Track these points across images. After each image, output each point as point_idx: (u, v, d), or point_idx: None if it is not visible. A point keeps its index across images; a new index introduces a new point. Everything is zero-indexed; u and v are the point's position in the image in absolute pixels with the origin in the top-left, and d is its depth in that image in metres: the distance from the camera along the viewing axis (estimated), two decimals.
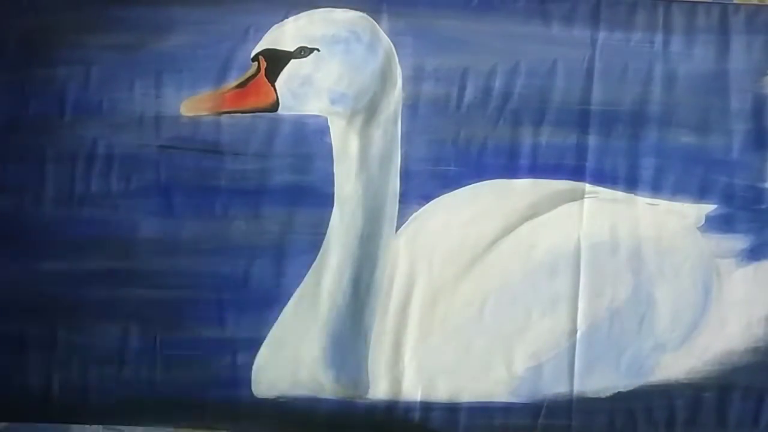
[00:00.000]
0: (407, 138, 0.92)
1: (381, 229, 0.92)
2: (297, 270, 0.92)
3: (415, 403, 0.93)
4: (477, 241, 0.93)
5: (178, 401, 0.92)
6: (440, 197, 0.93)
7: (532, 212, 0.93)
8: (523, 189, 0.93)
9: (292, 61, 0.89)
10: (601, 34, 0.93)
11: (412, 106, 0.92)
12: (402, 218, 0.93)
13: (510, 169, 0.93)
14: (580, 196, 0.93)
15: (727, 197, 0.94)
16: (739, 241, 0.94)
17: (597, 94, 0.93)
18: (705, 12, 0.94)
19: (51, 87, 0.92)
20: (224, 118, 0.91)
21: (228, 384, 0.92)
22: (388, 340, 0.92)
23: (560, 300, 0.92)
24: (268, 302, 0.92)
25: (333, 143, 0.92)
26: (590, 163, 0.94)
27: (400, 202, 0.92)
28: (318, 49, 0.89)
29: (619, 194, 0.94)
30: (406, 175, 0.92)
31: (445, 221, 0.93)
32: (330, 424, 0.93)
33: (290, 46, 0.89)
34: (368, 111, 0.91)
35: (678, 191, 0.94)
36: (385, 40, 0.92)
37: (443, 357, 0.92)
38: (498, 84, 0.93)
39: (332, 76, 0.90)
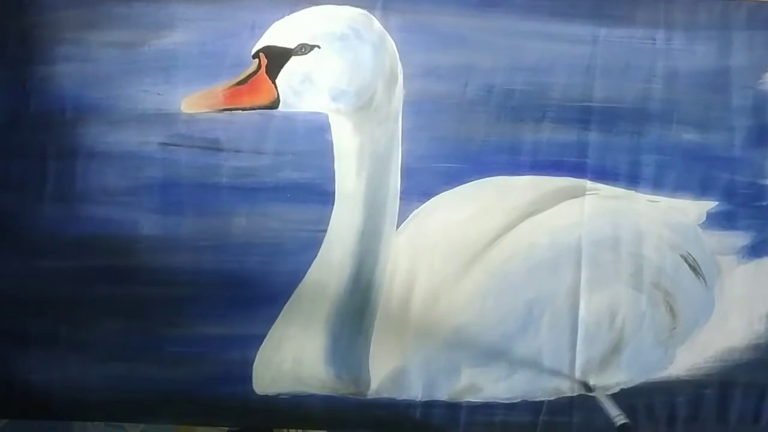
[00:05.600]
0: (408, 135, 0.92)
1: (382, 226, 0.92)
2: (298, 267, 0.92)
3: (416, 400, 0.93)
4: (478, 237, 0.93)
5: (179, 398, 0.92)
6: (441, 194, 0.92)
7: (533, 209, 0.93)
8: (524, 186, 0.93)
9: (293, 58, 0.89)
10: (603, 31, 0.93)
11: (413, 103, 0.92)
12: (403, 215, 0.93)
13: (511, 166, 0.93)
14: (581, 193, 0.93)
15: (728, 194, 0.94)
16: (740, 238, 0.94)
17: (598, 91, 0.93)
18: (707, 8, 0.93)
19: (52, 84, 0.92)
20: (225, 115, 0.91)
21: (229, 381, 0.92)
22: (389, 337, 0.92)
23: (561, 296, 0.92)
24: (269, 299, 0.92)
25: (334, 140, 0.92)
26: (591, 160, 0.93)
27: (401, 199, 0.92)
28: (319, 46, 0.89)
29: (620, 191, 0.94)
30: (407, 172, 0.92)
31: (446, 218, 0.93)
32: (331, 421, 0.93)
33: (291, 43, 0.89)
34: (369, 108, 0.91)
35: (679, 188, 0.94)
36: (386, 37, 0.92)
37: (444, 354, 0.92)
38: (499, 81, 0.93)
39: (333, 73, 0.90)
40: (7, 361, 0.92)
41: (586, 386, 0.93)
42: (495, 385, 0.93)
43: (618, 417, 0.65)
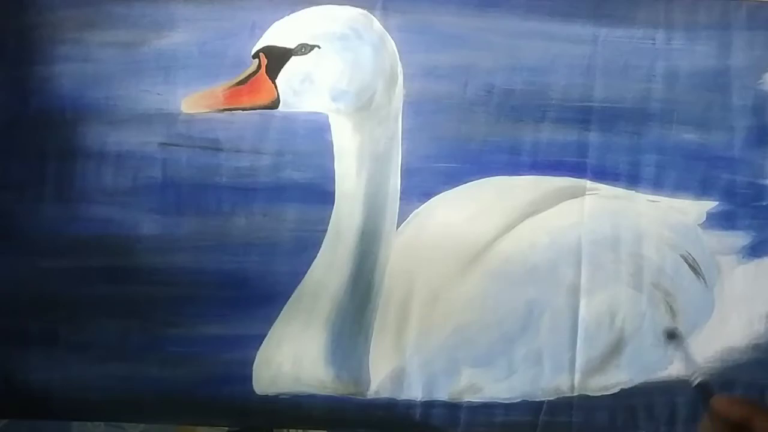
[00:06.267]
0: (408, 135, 0.92)
1: (382, 226, 0.92)
2: (298, 267, 0.92)
3: (416, 400, 0.93)
4: (478, 238, 0.93)
5: (179, 398, 0.92)
6: (441, 194, 0.93)
7: (534, 209, 0.93)
8: (525, 186, 0.93)
9: (293, 58, 0.89)
10: (603, 31, 0.93)
11: (413, 103, 0.92)
12: (403, 215, 0.93)
13: (511, 166, 0.93)
14: (581, 193, 0.93)
15: (728, 194, 0.94)
16: (740, 238, 0.94)
17: (598, 91, 0.93)
18: (706, 8, 0.93)
19: (52, 84, 0.92)
20: (225, 115, 0.91)
21: (229, 381, 0.92)
22: (389, 337, 0.92)
23: (561, 296, 0.92)
24: (269, 299, 0.92)
25: (334, 140, 0.92)
26: (591, 160, 0.93)
27: (401, 199, 0.92)
28: (319, 46, 0.89)
29: (621, 191, 0.94)
30: (407, 172, 0.92)
31: (446, 218, 0.93)
32: (330, 421, 0.93)
33: (291, 43, 0.89)
34: (369, 108, 0.91)
35: (679, 188, 0.94)
36: (386, 37, 0.92)
37: (444, 354, 0.92)
38: (499, 81, 0.93)
39: (333, 73, 0.90)
40: (7, 361, 0.92)
41: (586, 386, 0.92)
42: (495, 385, 0.93)
43: (694, 375, 0.64)
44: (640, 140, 0.94)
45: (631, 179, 0.94)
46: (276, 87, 0.89)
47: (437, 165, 0.93)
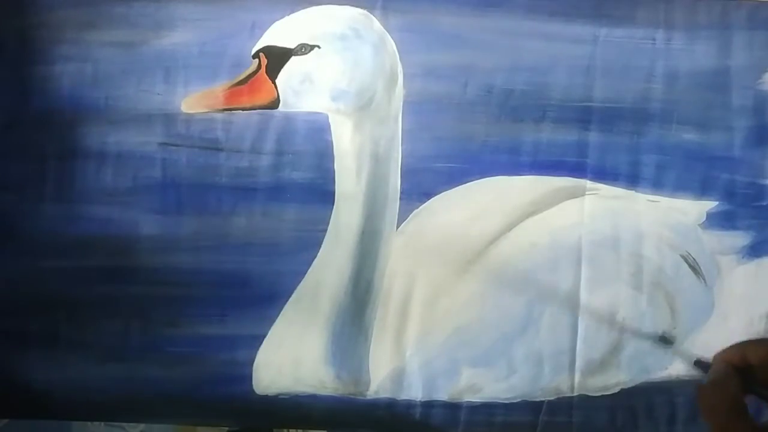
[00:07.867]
0: (408, 135, 0.92)
1: (382, 226, 0.92)
2: (298, 267, 0.92)
3: (416, 400, 0.93)
4: (478, 238, 0.93)
5: (178, 398, 0.92)
6: (441, 194, 0.93)
7: (534, 209, 0.93)
8: (525, 186, 0.93)
9: (293, 58, 0.89)
10: (603, 31, 0.93)
11: (413, 103, 0.92)
12: (403, 215, 0.93)
13: (511, 166, 0.93)
14: (581, 193, 0.93)
15: (728, 194, 0.94)
16: (740, 238, 0.94)
17: (598, 91, 0.93)
18: (706, 8, 0.94)
19: (52, 84, 0.92)
20: (225, 115, 0.91)
21: (229, 381, 0.92)
22: (389, 337, 0.92)
23: (561, 296, 0.92)
24: (268, 299, 0.92)
25: (334, 140, 0.92)
26: (591, 160, 0.93)
27: (401, 199, 0.92)
28: (319, 46, 0.89)
29: (621, 191, 0.94)
30: (407, 172, 0.92)
31: (446, 218, 0.93)
32: (330, 421, 0.93)
33: (291, 43, 0.89)
34: (369, 108, 0.91)
35: (679, 188, 0.94)
36: (386, 37, 0.92)
37: (444, 354, 0.92)
38: (499, 81, 0.93)
39: (333, 73, 0.90)
40: (7, 361, 0.92)
41: (586, 386, 0.93)
42: (495, 385, 0.93)
43: (692, 359, 0.65)
44: (640, 140, 0.94)
45: (631, 179, 0.94)
46: (276, 87, 0.89)
47: (437, 165, 0.93)
